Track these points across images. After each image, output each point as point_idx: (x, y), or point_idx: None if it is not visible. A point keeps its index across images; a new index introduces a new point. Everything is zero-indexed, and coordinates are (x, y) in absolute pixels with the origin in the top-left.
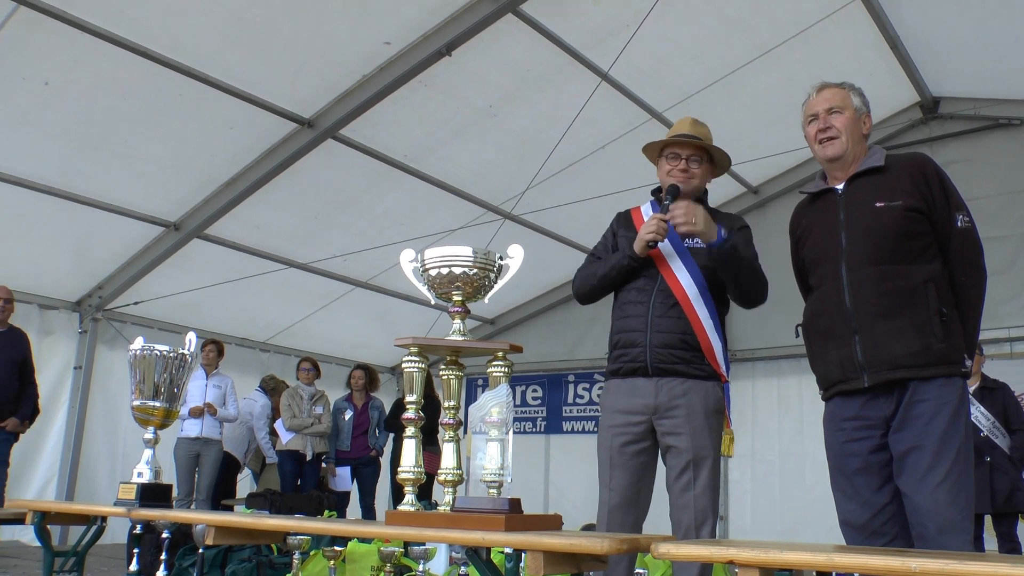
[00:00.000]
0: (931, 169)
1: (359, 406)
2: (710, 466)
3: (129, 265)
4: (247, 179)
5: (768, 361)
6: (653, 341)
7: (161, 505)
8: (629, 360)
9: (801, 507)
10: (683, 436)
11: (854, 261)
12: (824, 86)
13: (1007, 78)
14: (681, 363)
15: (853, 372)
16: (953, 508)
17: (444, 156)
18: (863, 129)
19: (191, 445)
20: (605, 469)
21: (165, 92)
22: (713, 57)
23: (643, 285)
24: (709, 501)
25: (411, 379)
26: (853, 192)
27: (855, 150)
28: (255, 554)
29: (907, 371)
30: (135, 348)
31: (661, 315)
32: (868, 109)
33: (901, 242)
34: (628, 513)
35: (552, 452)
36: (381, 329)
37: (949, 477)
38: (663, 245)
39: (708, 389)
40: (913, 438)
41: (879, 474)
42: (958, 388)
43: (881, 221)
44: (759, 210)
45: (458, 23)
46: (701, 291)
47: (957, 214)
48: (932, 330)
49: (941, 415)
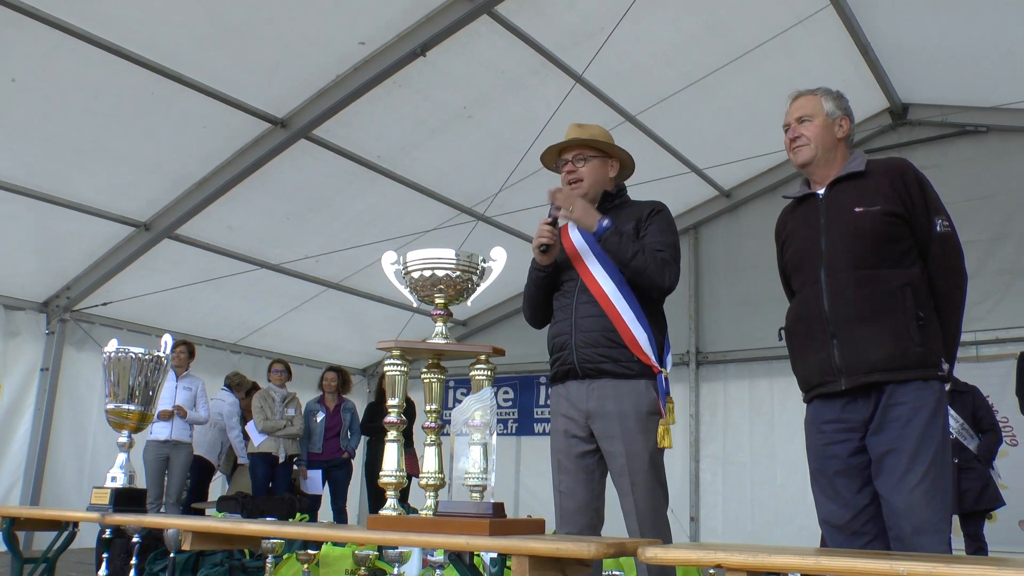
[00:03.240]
0: (911, 174)
1: (331, 408)
2: (647, 468)
3: (98, 265)
4: (219, 179)
5: (740, 363)
6: (578, 341)
7: (136, 510)
8: (561, 363)
9: (772, 508)
10: (616, 440)
11: (833, 265)
12: (797, 95)
13: (974, 86)
14: (608, 362)
15: (831, 375)
16: (929, 509)
17: (418, 157)
18: (837, 133)
19: (160, 448)
20: (555, 474)
21: (137, 90)
22: (687, 61)
23: (566, 289)
24: (649, 504)
25: (393, 383)
26: (834, 197)
27: (827, 156)
28: (227, 558)
29: (883, 374)
30: (109, 350)
31: (584, 315)
32: (845, 112)
33: (880, 246)
34: (582, 516)
35: (523, 454)
36: (353, 331)
37: (926, 479)
38: (580, 244)
39: (640, 390)
40: (890, 440)
41: (859, 476)
42: (935, 391)
43: (860, 225)
44: (732, 213)
45: (433, 24)
46: (619, 284)
47: (936, 218)
48: (909, 334)
49: (918, 417)
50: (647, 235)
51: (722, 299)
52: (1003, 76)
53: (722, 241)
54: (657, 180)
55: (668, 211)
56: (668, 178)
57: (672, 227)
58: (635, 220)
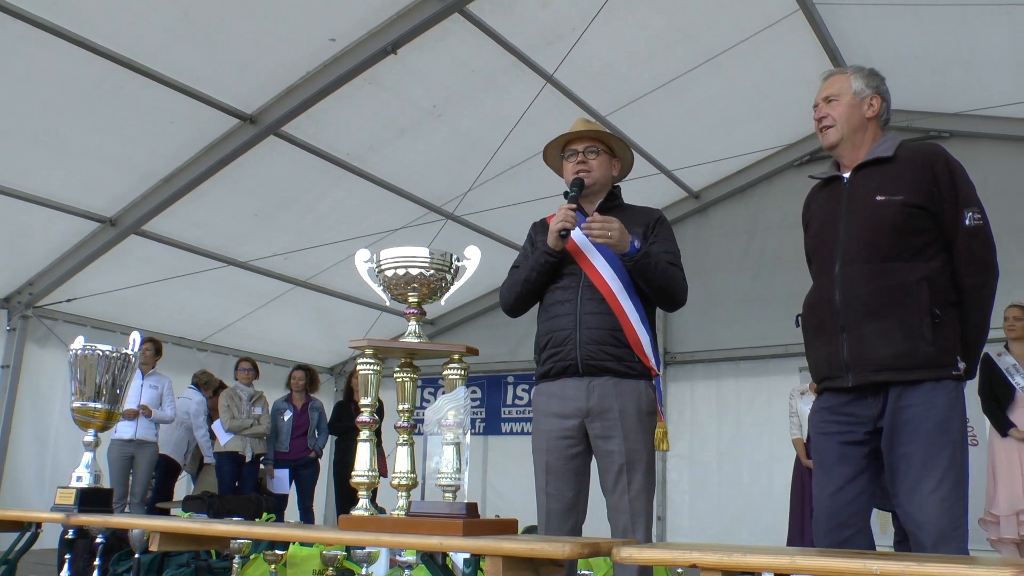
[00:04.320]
0: (941, 163)
1: (299, 407)
2: (644, 468)
3: (62, 261)
4: (187, 175)
5: (707, 364)
6: (583, 338)
7: (102, 510)
8: (560, 359)
9: (738, 507)
10: (615, 439)
11: (848, 256)
12: (828, 74)
13: (938, 92)
14: (612, 360)
15: (839, 370)
16: (946, 518)
17: (387, 155)
18: (867, 112)
19: (125, 447)
20: (541, 474)
21: (104, 84)
22: (657, 63)
23: (568, 284)
24: (644, 503)
25: (366, 382)
26: (857, 183)
27: (855, 136)
28: (193, 559)
29: (891, 374)
30: (76, 347)
31: (590, 312)
32: (875, 90)
33: (897, 239)
34: (567, 517)
35: (491, 453)
36: (320, 329)
37: (941, 486)
38: (582, 241)
39: (641, 389)
40: (902, 445)
41: (854, 466)
42: (948, 392)
43: (879, 216)
44: (700, 215)
45: (404, 21)
46: (625, 285)
47: (966, 211)
48: (922, 332)
49: (928, 421)
50: (656, 245)
51: (690, 300)
52: (965, 84)
53: (691, 242)
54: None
55: (667, 220)
56: (637, 179)
57: (674, 236)
58: (643, 227)
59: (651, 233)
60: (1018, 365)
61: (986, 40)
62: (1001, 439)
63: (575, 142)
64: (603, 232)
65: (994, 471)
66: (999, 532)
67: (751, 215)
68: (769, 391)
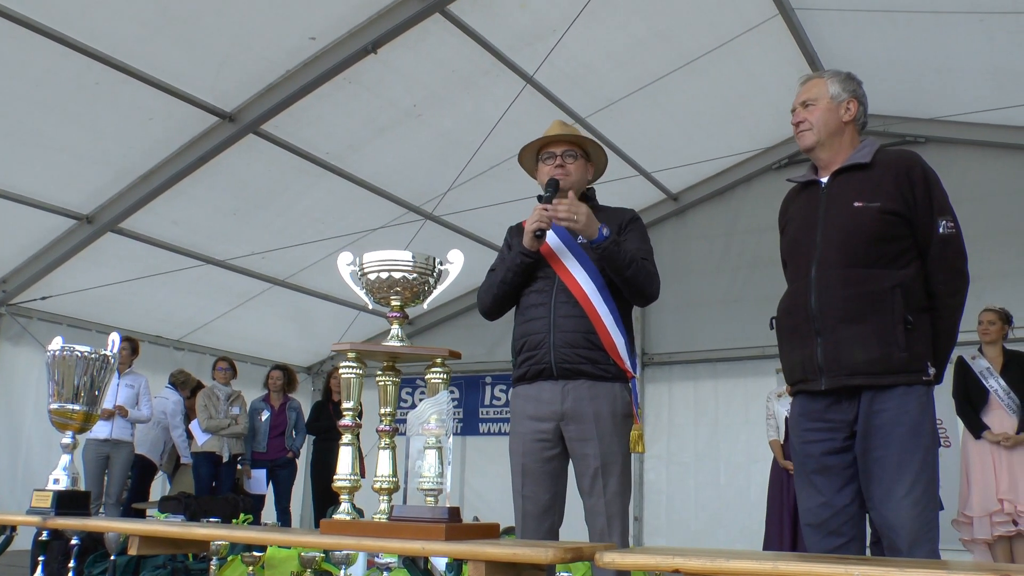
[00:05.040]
0: (918, 171)
1: (276, 407)
2: (619, 471)
3: (37, 259)
4: (165, 172)
5: (685, 365)
6: (557, 341)
7: (79, 513)
8: (534, 363)
9: (715, 508)
10: (591, 442)
11: (825, 261)
12: (805, 79)
13: (914, 98)
14: (586, 363)
15: (813, 374)
16: (919, 521)
17: (367, 154)
18: (843, 116)
19: (100, 447)
20: (518, 477)
21: (81, 80)
22: (637, 65)
23: (542, 287)
24: (619, 506)
25: (348, 385)
26: (835, 188)
27: (832, 140)
28: (170, 560)
29: (865, 378)
30: (54, 348)
31: (564, 315)
32: (852, 94)
33: (874, 245)
34: (544, 519)
35: (468, 454)
36: (298, 328)
37: (914, 489)
38: (556, 244)
39: (616, 392)
40: (875, 449)
41: (840, 475)
42: (920, 397)
43: (856, 222)
44: (678, 217)
45: (385, 20)
46: (599, 288)
47: (940, 219)
48: (895, 338)
49: (901, 425)
50: (628, 242)
51: (668, 301)
52: (940, 90)
53: (669, 244)
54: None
55: (641, 219)
56: (616, 180)
57: (647, 235)
58: (616, 225)
59: (624, 231)
60: (992, 368)
61: (961, 47)
62: (975, 441)
63: (553, 145)
64: (569, 215)
65: (968, 473)
66: (972, 533)
67: (729, 217)
68: (746, 392)
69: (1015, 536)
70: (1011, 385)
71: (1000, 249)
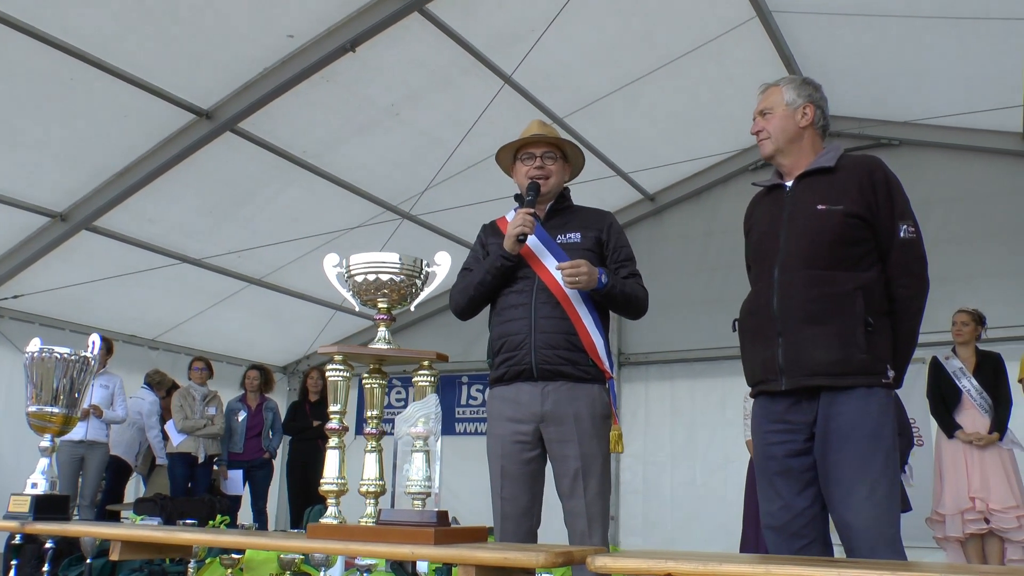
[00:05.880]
0: (880, 175)
1: (253, 407)
2: (599, 472)
3: (9, 257)
4: (140, 170)
5: (661, 365)
6: (538, 342)
7: (58, 517)
8: (514, 363)
9: (691, 508)
10: (571, 444)
11: (788, 263)
12: (763, 88)
13: (889, 101)
14: (567, 364)
15: (773, 374)
16: (881, 524)
17: (344, 153)
18: (800, 122)
19: (75, 448)
20: (496, 479)
21: (55, 76)
22: (615, 65)
23: (521, 287)
24: (600, 507)
25: (335, 388)
26: (799, 192)
27: (791, 147)
28: (147, 563)
29: (824, 379)
30: (32, 350)
31: (545, 316)
32: (808, 99)
33: (837, 248)
34: (523, 521)
35: (445, 453)
36: (274, 328)
37: (875, 492)
38: (536, 245)
39: (595, 394)
40: (835, 451)
41: (800, 478)
42: (879, 399)
43: (819, 225)
44: (655, 217)
45: (363, 19)
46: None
47: (901, 224)
48: (856, 340)
49: (861, 427)
50: (616, 253)
51: None
52: (915, 94)
53: (645, 244)
54: (582, 182)
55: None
56: (593, 180)
57: (627, 238)
58: (596, 231)
59: (607, 239)
60: (965, 368)
61: (935, 51)
62: (947, 440)
63: (532, 146)
64: (573, 281)
65: (940, 472)
66: (945, 531)
67: (706, 218)
68: (723, 393)
69: (987, 534)
70: (983, 385)
71: (973, 251)
